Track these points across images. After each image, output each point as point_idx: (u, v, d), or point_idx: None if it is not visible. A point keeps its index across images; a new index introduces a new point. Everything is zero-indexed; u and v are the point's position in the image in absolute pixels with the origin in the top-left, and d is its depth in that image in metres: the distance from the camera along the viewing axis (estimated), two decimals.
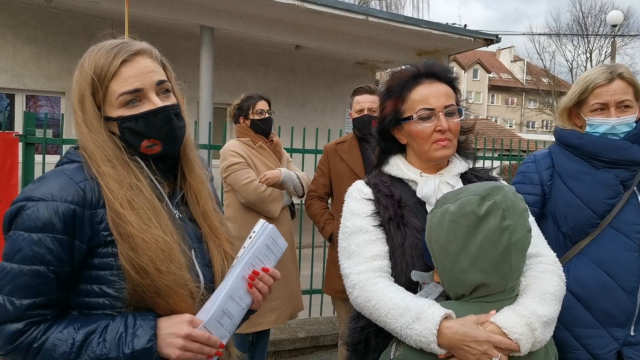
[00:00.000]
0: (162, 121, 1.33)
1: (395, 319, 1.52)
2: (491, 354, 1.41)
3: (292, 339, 4.68)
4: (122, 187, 1.27)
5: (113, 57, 1.31)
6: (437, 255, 1.52)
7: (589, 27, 34.06)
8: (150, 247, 1.25)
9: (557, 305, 1.56)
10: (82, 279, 1.27)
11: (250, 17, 10.69)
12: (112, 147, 1.31)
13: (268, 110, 3.64)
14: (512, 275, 1.47)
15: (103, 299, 1.26)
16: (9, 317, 1.20)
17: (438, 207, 1.54)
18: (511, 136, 21.49)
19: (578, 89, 2.17)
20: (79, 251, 1.25)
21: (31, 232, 1.21)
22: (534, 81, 40.20)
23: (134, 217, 1.25)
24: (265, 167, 3.56)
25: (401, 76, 1.77)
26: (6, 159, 3.71)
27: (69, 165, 1.33)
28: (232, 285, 1.34)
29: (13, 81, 10.98)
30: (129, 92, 1.30)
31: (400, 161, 1.81)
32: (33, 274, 1.20)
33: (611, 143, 2.09)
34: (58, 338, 1.20)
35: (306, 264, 5.09)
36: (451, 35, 11.96)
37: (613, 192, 2.07)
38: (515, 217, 1.44)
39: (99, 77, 1.30)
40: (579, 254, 2.10)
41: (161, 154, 1.37)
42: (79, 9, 10.74)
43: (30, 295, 1.20)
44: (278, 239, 1.47)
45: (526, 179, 2.25)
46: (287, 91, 13.98)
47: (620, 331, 2.04)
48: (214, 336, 1.29)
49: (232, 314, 1.35)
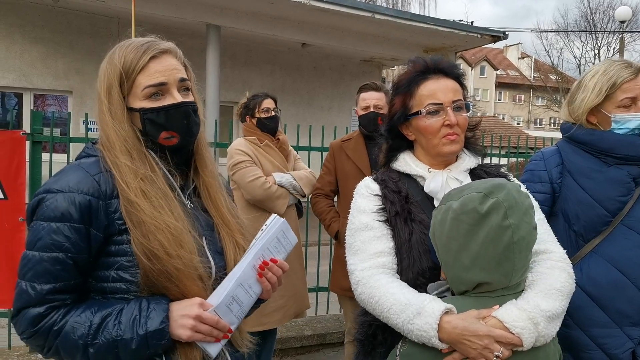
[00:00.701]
0: (181, 115, 1.42)
1: (397, 315, 1.53)
2: (492, 348, 1.41)
3: (298, 336, 4.69)
4: (137, 176, 1.35)
5: (143, 52, 1.40)
6: (440, 252, 1.53)
7: (597, 23, 33.88)
8: (161, 233, 1.32)
9: (563, 301, 1.54)
10: (100, 266, 1.34)
11: (256, 15, 10.68)
12: (132, 137, 1.39)
13: (274, 109, 3.64)
14: (515, 273, 1.46)
15: (120, 283, 1.33)
16: (31, 301, 1.28)
17: (443, 204, 1.54)
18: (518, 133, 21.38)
19: (604, 85, 2.09)
20: (95, 239, 1.32)
21: (50, 221, 1.29)
22: (541, 78, 39.99)
23: (147, 205, 1.33)
24: (272, 165, 3.57)
25: (409, 72, 1.78)
26: (13, 157, 3.73)
27: (87, 160, 1.41)
28: (243, 273, 1.39)
29: (21, 80, 11.04)
30: (154, 85, 1.39)
31: (408, 157, 1.82)
32: (53, 261, 1.28)
33: (623, 139, 2.06)
34: (76, 321, 1.27)
35: (312, 261, 5.10)
36: (458, 32, 11.91)
37: (625, 189, 2.04)
38: (518, 215, 1.43)
39: (128, 70, 1.39)
40: (591, 252, 2.07)
41: (177, 146, 1.45)
42: (86, 8, 10.78)
43: (50, 281, 1.28)
44: (288, 233, 1.52)
45: (535, 177, 2.22)
46: (293, 89, 13.98)
47: (635, 330, 2.02)
48: (222, 320, 1.35)
49: (241, 301, 1.40)
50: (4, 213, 3.71)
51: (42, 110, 11.18)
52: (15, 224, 3.74)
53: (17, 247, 3.75)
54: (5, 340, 4.08)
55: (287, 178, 3.56)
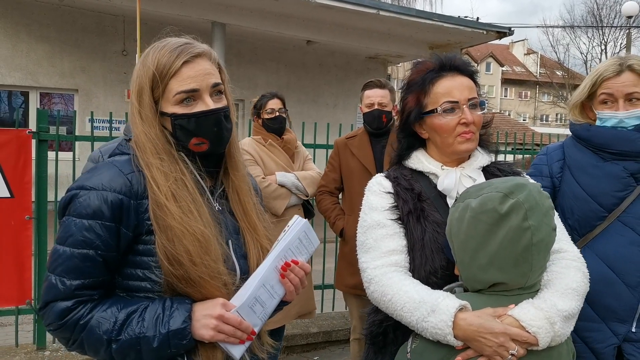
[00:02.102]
0: (212, 122, 1.40)
1: (410, 313, 1.52)
2: (508, 346, 1.40)
3: (304, 333, 4.70)
4: (168, 180, 1.35)
5: (176, 57, 1.37)
6: (457, 250, 1.51)
7: (604, 18, 33.63)
8: (187, 239, 1.32)
9: (578, 301, 1.54)
10: (128, 264, 1.36)
11: (261, 13, 10.68)
12: (162, 140, 1.39)
13: (280, 109, 3.65)
14: (532, 274, 1.45)
15: (145, 282, 1.35)
16: (60, 295, 1.30)
17: (460, 201, 1.53)
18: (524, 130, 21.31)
19: (588, 82, 2.14)
20: (124, 238, 1.33)
21: (82, 218, 1.31)
22: (547, 74, 39.76)
23: (176, 209, 1.33)
24: (275, 164, 3.58)
25: (422, 70, 1.76)
26: (20, 156, 3.74)
27: (120, 157, 1.42)
28: (265, 274, 1.38)
29: (27, 79, 11.09)
30: (186, 92, 1.37)
31: (421, 155, 1.80)
32: (83, 257, 1.30)
33: (620, 134, 2.06)
34: (102, 317, 1.29)
35: (318, 259, 5.09)
36: (463, 28, 11.87)
37: (622, 184, 2.03)
38: (538, 216, 1.40)
39: (160, 74, 1.37)
40: (585, 247, 2.07)
41: (208, 152, 1.44)
42: (91, 7, 10.80)
43: (79, 277, 1.30)
44: (310, 234, 1.51)
45: (537, 171, 2.25)
46: (298, 86, 13.97)
47: (621, 326, 2.01)
48: (245, 321, 1.34)
49: (264, 303, 1.39)
50: (11, 211, 3.72)
51: (48, 108, 11.22)
52: (22, 222, 3.75)
53: (24, 245, 3.77)
54: (13, 337, 4.10)
55: (289, 178, 3.56)
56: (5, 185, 3.69)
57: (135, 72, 1.42)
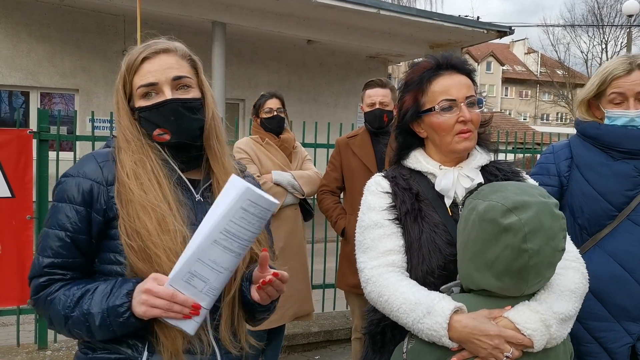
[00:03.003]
0: (169, 112, 1.47)
1: (407, 314, 1.52)
2: (502, 348, 1.40)
3: (305, 333, 4.70)
4: (132, 160, 1.44)
5: (138, 54, 1.49)
6: (459, 246, 1.51)
7: (604, 17, 33.61)
8: (146, 212, 1.38)
9: (576, 303, 1.53)
10: (102, 248, 1.43)
11: (261, 12, 10.68)
12: (131, 130, 1.49)
13: (278, 109, 3.65)
14: (528, 289, 1.44)
15: (117, 266, 1.40)
16: (36, 272, 1.40)
17: (473, 198, 1.51)
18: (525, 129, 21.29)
19: (597, 80, 2.13)
20: (95, 222, 1.41)
21: (59, 202, 1.42)
22: (548, 73, 39.75)
23: (135, 185, 1.41)
24: (271, 162, 3.59)
25: (419, 69, 1.75)
26: (21, 156, 3.75)
27: (102, 150, 1.54)
28: (198, 248, 1.28)
29: (28, 79, 11.08)
30: (145, 85, 1.47)
31: (419, 154, 1.80)
32: (54, 237, 1.39)
33: (630, 133, 2.05)
34: (65, 294, 1.36)
35: (319, 258, 5.10)
36: (464, 27, 11.87)
37: (631, 183, 2.03)
38: (541, 239, 1.35)
39: (127, 71, 1.50)
40: (595, 246, 2.07)
41: (172, 142, 1.49)
42: (92, 6, 10.80)
43: (50, 255, 1.39)
44: (259, 200, 1.28)
45: (543, 170, 2.23)
46: (299, 86, 13.97)
47: (634, 325, 2.01)
48: (182, 294, 1.29)
49: (205, 278, 1.30)
50: (12, 211, 3.73)
51: (49, 108, 11.22)
52: (23, 221, 3.76)
53: (25, 245, 3.77)
54: (14, 337, 4.11)
55: (285, 177, 3.56)
56: (6, 185, 3.70)
57: None
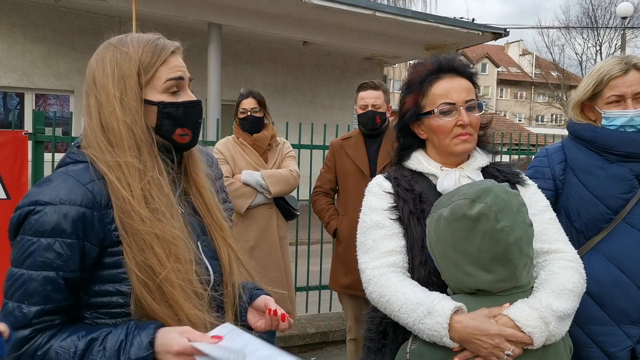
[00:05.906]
0: (197, 113, 1.40)
1: (407, 314, 1.53)
2: (503, 347, 1.41)
3: (301, 334, 4.69)
4: (142, 180, 1.26)
5: (163, 47, 1.35)
6: (439, 261, 1.52)
7: (599, 19, 33.72)
8: (156, 243, 1.23)
9: (574, 302, 1.55)
10: (95, 279, 1.25)
11: (257, 14, 10.68)
12: (146, 134, 1.31)
13: (252, 109, 3.62)
14: (520, 272, 1.45)
15: (117, 297, 1.24)
16: (18, 324, 1.18)
17: (433, 212, 1.54)
18: (520, 130, 21.34)
19: (592, 81, 2.12)
20: (90, 254, 1.22)
21: (40, 237, 1.18)
22: (543, 75, 39.82)
23: (147, 213, 1.24)
24: (246, 162, 3.60)
25: (421, 71, 1.76)
26: (16, 157, 3.73)
27: (74, 167, 1.29)
28: None
29: (22, 80, 11.06)
30: (175, 79, 1.34)
31: (421, 155, 1.81)
32: (43, 280, 1.18)
33: (626, 136, 2.05)
34: (61, 346, 1.18)
35: (315, 259, 5.10)
36: (459, 29, 11.90)
37: (628, 186, 2.03)
38: (510, 216, 1.41)
39: (150, 59, 1.32)
40: (592, 250, 2.07)
41: (189, 144, 1.41)
42: (87, 8, 10.79)
43: (39, 302, 1.18)
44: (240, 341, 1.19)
45: (538, 174, 2.21)
46: (295, 87, 13.98)
47: (634, 329, 2.01)
48: None
49: None
50: (7, 213, 3.69)
51: (44, 110, 11.20)
52: None
53: None
54: None
55: (254, 176, 3.56)
56: (1, 186, 3.68)
57: (104, 59, 1.33)
